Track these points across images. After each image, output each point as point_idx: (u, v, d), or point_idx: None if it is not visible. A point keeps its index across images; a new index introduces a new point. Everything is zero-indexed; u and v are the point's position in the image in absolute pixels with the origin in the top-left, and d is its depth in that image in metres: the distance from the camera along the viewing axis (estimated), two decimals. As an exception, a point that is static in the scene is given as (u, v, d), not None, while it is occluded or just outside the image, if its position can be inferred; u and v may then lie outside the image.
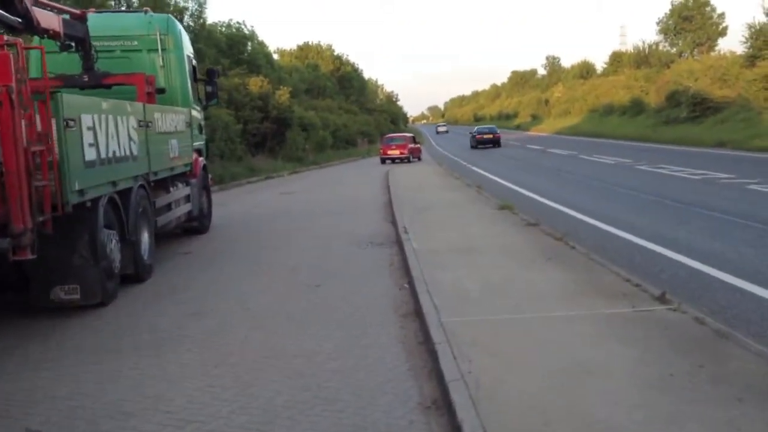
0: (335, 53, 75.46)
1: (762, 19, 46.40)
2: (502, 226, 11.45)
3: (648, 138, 44.53)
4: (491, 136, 52.30)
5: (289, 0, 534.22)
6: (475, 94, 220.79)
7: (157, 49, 12.14)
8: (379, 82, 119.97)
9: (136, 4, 26.56)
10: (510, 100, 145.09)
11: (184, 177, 12.09)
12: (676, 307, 6.07)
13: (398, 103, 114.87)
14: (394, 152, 38.23)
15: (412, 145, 39.35)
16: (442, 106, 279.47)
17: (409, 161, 37.72)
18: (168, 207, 10.90)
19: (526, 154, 40.23)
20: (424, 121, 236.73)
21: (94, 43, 11.02)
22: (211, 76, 14.11)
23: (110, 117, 8.08)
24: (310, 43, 74.88)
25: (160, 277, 9.25)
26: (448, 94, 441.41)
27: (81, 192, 7.08)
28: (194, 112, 13.05)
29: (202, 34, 38.41)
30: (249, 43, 46.41)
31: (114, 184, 8.12)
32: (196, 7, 38.20)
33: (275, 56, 61.74)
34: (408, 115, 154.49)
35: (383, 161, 37.84)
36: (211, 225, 13.80)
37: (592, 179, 21.02)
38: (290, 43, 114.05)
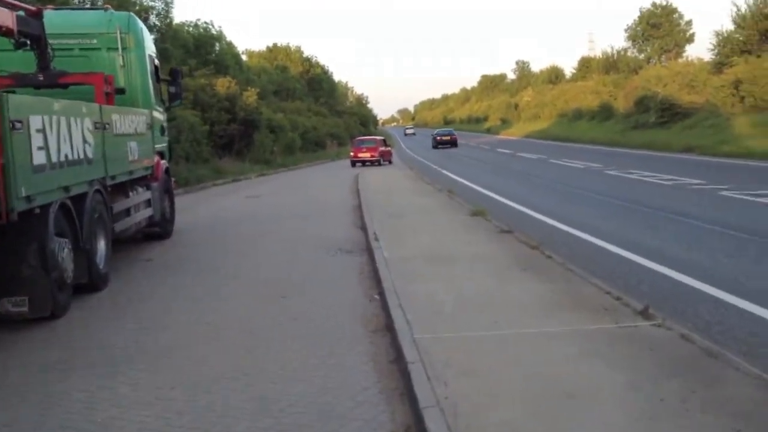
0: (305, 55, 74.96)
1: (729, 26, 47.04)
2: (476, 233, 11.15)
3: (617, 143, 44.75)
4: (449, 137, 60.03)
5: (259, 2, 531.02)
6: (445, 98, 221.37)
7: (117, 48, 11.66)
8: (349, 85, 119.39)
9: (100, 3, 25.74)
10: (480, 104, 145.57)
11: (144, 180, 11.59)
12: (660, 322, 5.79)
13: (368, 105, 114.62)
14: (365, 155, 38.03)
15: (382, 148, 39.30)
16: (412, 109, 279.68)
17: (379, 164, 37.49)
18: (127, 212, 10.42)
19: (496, 157, 40.20)
20: (395, 123, 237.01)
21: (52, 41, 10.53)
22: (175, 77, 13.63)
23: (63, 118, 7.58)
24: (279, 44, 74.35)
25: (117, 287, 8.77)
26: (418, 97, 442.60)
27: (28, 198, 6.59)
28: (156, 114, 12.56)
29: (168, 33, 37.73)
30: (217, 44, 45.75)
31: (66, 189, 7.63)
32: (162, 6, 37.47)
33: (244, 57, 61.08)
34: (378, 118, 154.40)
35: (353, 164, 37.35)
36: (174, 230, 13.32)
37: (563, 184, 20.88)
38: (259, 45, 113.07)
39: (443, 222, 12.68)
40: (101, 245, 8.89)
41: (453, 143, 57.91)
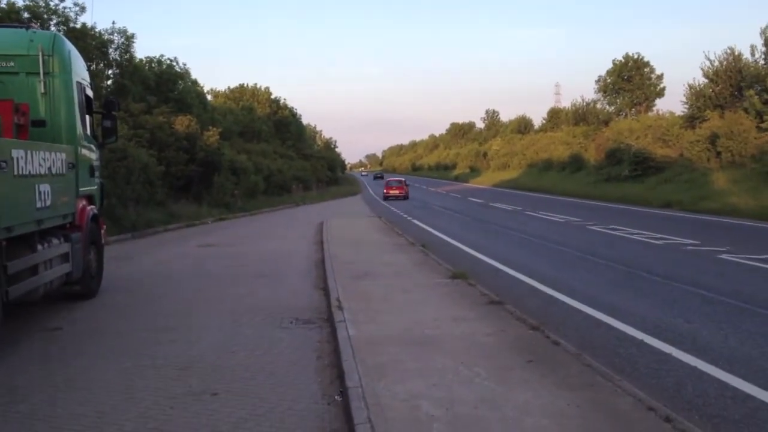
0: (272, 96, 73.35)
1: (701, 81, 46.63)
2: (460, 304, 9.26)
3: (589, 195, 43.66)
4: (381, 176, 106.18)
5: (227, 44, 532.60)
6: (413, 144, 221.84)
7: (38, 73, 9.78)
8: (318, 128, 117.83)
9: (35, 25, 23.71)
10: (448, 151, 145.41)
11: (62, 230, 9.60)
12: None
13: (336, 149, 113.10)
14: (395, 192, 52.19)
15: (405, 188, 53.14)
16: (380, 155, 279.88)
17: (405, 198, 50.27)
18: (33, 270, 8.38)
19: (469, 207, 38.59)
20: (362, 168, 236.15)
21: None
22: (110, 109, 11.74)
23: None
24: (246, 84, 72.66)
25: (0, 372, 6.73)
26: (387, 142, 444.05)
27: None
28: (84, 151, 10.62)
29: (128, 69, 35.82)
30: (180, 82, 43.79)
31: None
32: (122, 40, 35.58)
33: (209, 97, 59.22)
34: (346, 162, 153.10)
35: (386, 198, 51.11)
36: (102, 287, 11.28)
37: (546, 240, 19.16)
38: (226, 85, 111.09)
39: (419, 286, 10.79)
40: (-16, 317, 6.89)
41: (381, 177, 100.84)
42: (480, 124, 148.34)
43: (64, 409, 5.69)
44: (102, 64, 34.29)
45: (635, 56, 66.63)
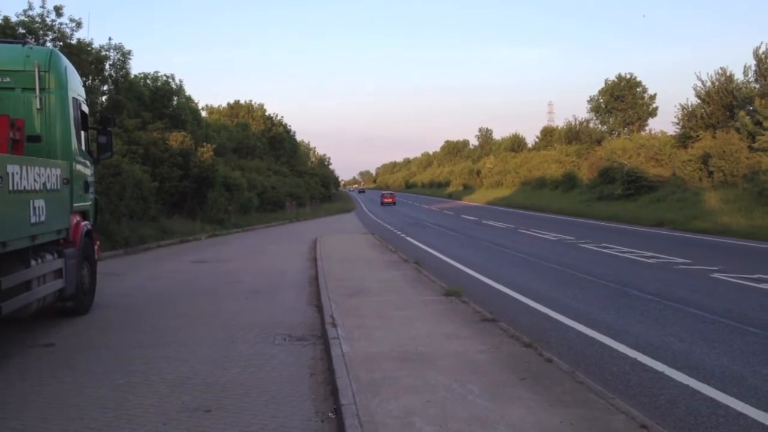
0: (267, 113, 73.52)
1: (693, 101, 47.06)
2: (454, 321, 9.29)
3: (583, 213, 43.79)
4: (364, 191, 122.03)
5: (222, 61, 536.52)
6: (407, 162, 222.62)
7: (34, 88, 9.83)
8: (312, 145, 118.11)
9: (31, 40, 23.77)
10: (442, 168, 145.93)
11: (55, 246, 9.60)
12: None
13: (330, 166, 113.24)
14: (389, 200, 78.60)
15: (395, 197, 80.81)
16: (374, 172, 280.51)
17: (395, 204, 75.44)
18: (25, 286, 8.37)
19: (462, 225, 38.63)
20: (356, 185, 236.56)
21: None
22: (105, 124, 11.78)
23: None
24: (241, 101, 72.84)
25: (-8, 389, 6.71)
26: (380, 159, 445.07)
27: None
28: (78, 167, 10.65)
29: (123, 85, 35.93)
30: (175, 98, 43.86)
31: None
32: (118, 57, 35.69)
33: (204, 113, 59.36)
34: (340, 180, 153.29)
35: (382, 204, 76.39)
36: (94, 303, 11.26)
37: (539, 258, 19.21)
38: (221, 101, 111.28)
39: (413, 304, 10.80)
40: (-24, 333, 6.87)
41: (363, 191, 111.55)
42: (474, 142, 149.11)
43: (57, 426, 5.67)
44: (97, 80, 34.42)
45: (628, 76, 67.22)
